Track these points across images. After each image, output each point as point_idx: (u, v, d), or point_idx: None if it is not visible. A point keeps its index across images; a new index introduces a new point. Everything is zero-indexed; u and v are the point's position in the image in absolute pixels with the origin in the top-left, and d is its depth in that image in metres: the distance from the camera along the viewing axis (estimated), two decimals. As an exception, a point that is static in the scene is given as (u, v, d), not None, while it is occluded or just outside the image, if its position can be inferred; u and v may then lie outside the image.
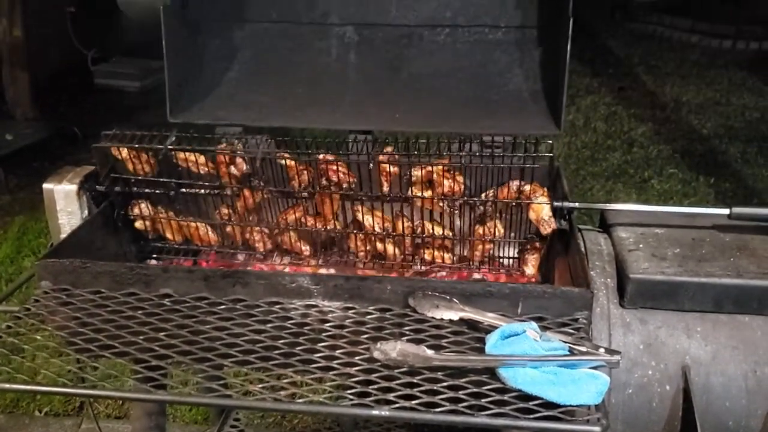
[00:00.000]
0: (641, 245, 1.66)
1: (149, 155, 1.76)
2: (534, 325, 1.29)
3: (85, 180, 1.80)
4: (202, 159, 1.80)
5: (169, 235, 1.83)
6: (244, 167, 1.76)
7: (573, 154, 5.31)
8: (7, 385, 1.32)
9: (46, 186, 1.78)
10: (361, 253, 1.75)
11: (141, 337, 1.37)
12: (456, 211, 1.71)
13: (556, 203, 1.69)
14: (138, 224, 1.70)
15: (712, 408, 1.50)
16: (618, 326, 1.56)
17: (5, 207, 4.74)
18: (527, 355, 1.21)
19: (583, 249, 1.69)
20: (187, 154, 1.77)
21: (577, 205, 1.73)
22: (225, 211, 1.81)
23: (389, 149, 1.85)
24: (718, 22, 7.89)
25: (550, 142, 1.79)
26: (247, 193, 1.76)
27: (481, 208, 1.74)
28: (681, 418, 1.50)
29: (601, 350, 1.24)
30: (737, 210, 1.66)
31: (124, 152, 1.76)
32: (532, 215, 1.68)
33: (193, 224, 1.77)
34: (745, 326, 1.53)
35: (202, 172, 1.80)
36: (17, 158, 5.32)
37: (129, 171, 1.79)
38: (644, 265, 1.58)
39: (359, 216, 1.72)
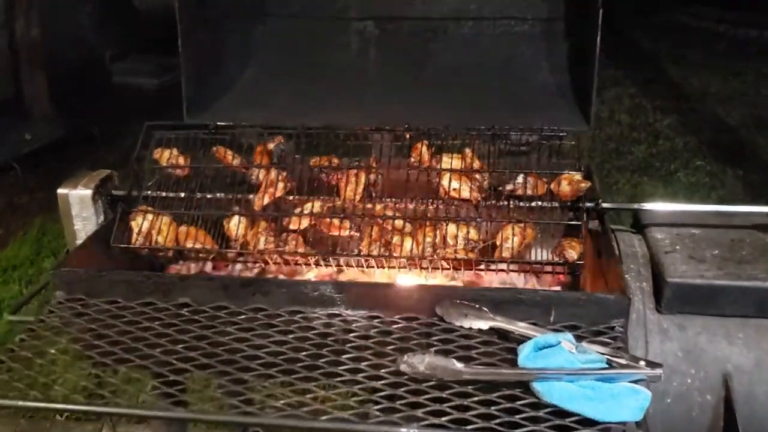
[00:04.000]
0: (678, 247, 1.58)
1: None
2: (569, 335, 1.22)
3: (101, 184, 1.75)
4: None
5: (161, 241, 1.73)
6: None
7: (598, 147, 5.21)
8: (21, 403, 1.29)
9: (60, 191, 1.74)
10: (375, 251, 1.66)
11: (158, 350, 1.32)
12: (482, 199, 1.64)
13: (588, 204, 1.61)
14: (134, 238, 1.63)
15: (756, 418, 1.43)
16: (655, 333, 1.48)
17: (24, 207, 4.74)
18: (563, 368, 1.15)
19: (617, 251, 1.61)
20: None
21: (611, 205, 1.66)
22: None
23: (423, 147, 1.79)
24: (746, 11, 7.71)
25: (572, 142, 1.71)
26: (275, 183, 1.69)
27: (510, 187, 1.66)
28: (723, 429, 1.43)
29: (642, 362, 1.17)
30: (780, 209, 1.58)
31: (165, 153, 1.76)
32: (566, 188, 1.60)
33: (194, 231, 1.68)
34: (791, 332, 1.46)
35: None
36: (35, 158, 5.31)
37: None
38: (682, 268, 1.50)
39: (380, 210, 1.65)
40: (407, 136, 1.80)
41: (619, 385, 1.13)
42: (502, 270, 1.57)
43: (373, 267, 1.58)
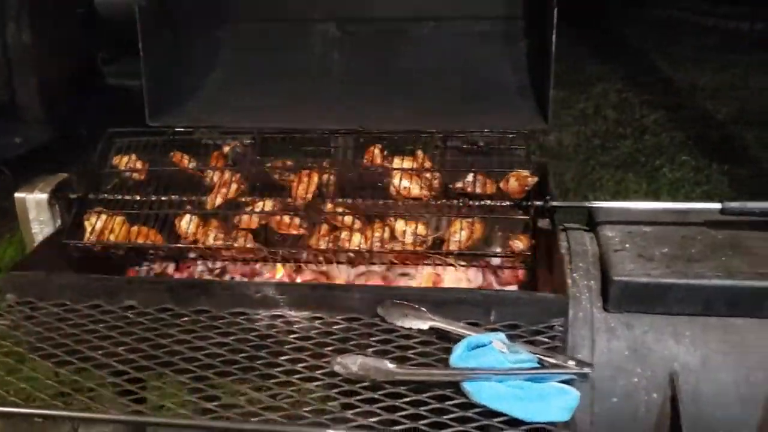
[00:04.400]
0: (627, 245, 1.58)
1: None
2: (501, 335, 1.22)
3: (57, 188, 1.76)
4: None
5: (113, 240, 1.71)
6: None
7: (582, 144, 5.20)
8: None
9: (17, 195, 1.75)
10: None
11: (99, 352, 1.32)
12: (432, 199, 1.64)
13: (537, 202, 1.61)
14: (86, 237, 1.64)
15: (702, 417, 1.42)
16: (602, 331, 1.48)
17: (13, 211, 4.74)
18: (492, 368, 1.15)
19: (565, 249, 1.61)
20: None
21: (560, 203, 1.65)
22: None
23: (376, 149, 1.80)
24: (737, 4, 7.69)
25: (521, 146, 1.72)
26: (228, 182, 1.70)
27: (459, 185, 1.66)
28: (669, 427, 1.43)
29: (571, 362, 1.17)
30: (730, 205, 1.57)
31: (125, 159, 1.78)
32: (514, 184, 1.61)
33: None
34: (738, 330, 1.45)
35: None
36: (25, 161, 5.31)
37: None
38: (629, 266, 1.50)
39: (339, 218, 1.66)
40: (360, 139, 1.80)
41: (548, 385, 1.13)
42: (451, 264, 1.57)
43: (321, 262, 1.58)
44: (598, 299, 1.51)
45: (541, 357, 1.19)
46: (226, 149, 1.84)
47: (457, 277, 1.82)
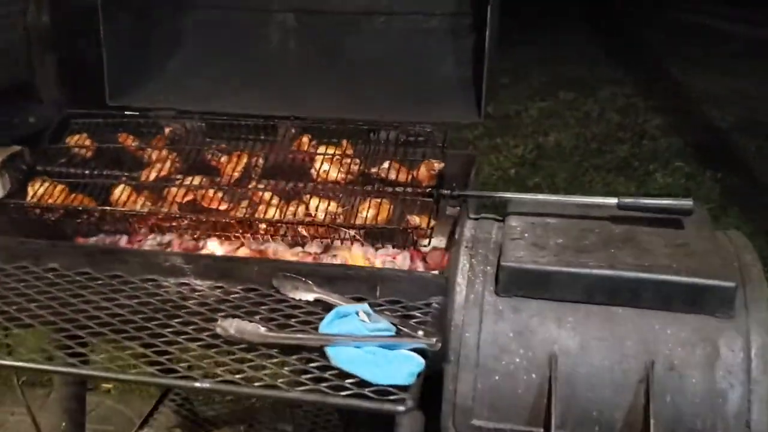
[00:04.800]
0: (526, 234, 1.66)
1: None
2: (366, 306, 1.32)
3: (9, 159, 1.89)
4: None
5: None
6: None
7: (580, 146, 5.25)
8: None
9: (-30, 163, 1.88)
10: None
11: (14, 307, 1.45)
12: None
13: (444, 190, 1.70)
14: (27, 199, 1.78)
15: (576, 397, 1.50)
16: (490, 313, 1.56)
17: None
18: (351, 334, 1.24)
19: (470, 236, 1.70)
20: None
21: (471, 192, 1.74)
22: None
23: (305, 137, 1.91)
24: (756, 9, 7.62)
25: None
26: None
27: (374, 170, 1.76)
28: (546, 406, 1.51)
29: (420, 332, 1.26)
30: (624, 200, 1.65)
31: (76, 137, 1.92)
32: (423, 172, 1.71)
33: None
34: (617, 318, 1.52)
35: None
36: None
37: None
38: (520, 253, 1.58)
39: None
40: (293, 129, 1.91)
41: (398, 352, 1.22)
42: (358, 240, 1.66)
43: (238, 235, 1.69)
44: (492, 284, 1.60)
45: (399, 328, 1.28)
46: (167, 131, 1.96)
47: (383, 261, 1.92)
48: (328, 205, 1.68)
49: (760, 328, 1.48)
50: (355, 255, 1.92)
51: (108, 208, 1.74)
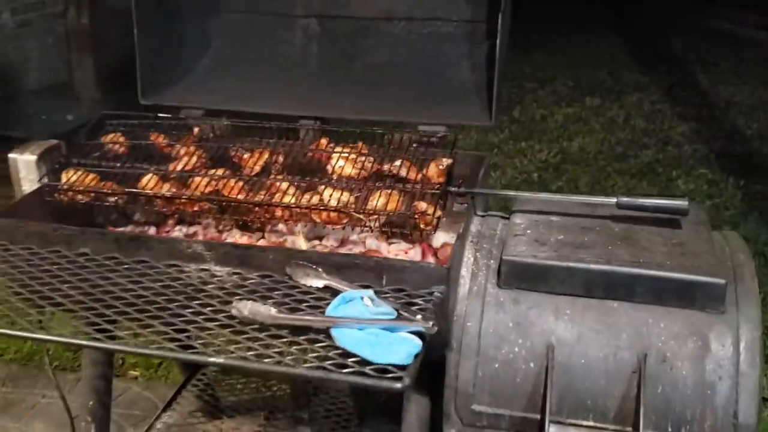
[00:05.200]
0: (529, 231, 1.74)
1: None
2: (370, 292, 1.41)
3: (46, 152, 2.01)
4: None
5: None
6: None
7: (604, 151, 5.28)
8: None
9: (10, 156, 2.01)
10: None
11: (47, 287, 1.57)
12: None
13: (452, 187, 1.79)
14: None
15: (571, 386, 1.58)
16: (492, 305, 1.65)
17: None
18: (355, 317, 1.34)
19: (475, 231, 1.79)
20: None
21: (479, 190, 1.83)
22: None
23: (324, 139, 2.03)
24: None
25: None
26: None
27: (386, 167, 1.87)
28: (542, 394, 1.58)
29: (419, 317, 1.35)
30: (623, 199, 1.72)
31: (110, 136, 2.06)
32: (432, 170, 1.81)
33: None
34: (613, 312, 1.60)
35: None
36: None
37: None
38: (521, 248, 1.67)
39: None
40: (312, 132, 2.03)
41: (398, 334, 1.31)
42: (368, 227, 1.76)
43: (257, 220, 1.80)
44: (494, 277, 1.68)
45: (401, 313, 1.37)
46: (196, 130, 2.08)
47: (396, 255, 2.02)
48: (341, 194, 1.77)
49: (750, 324, 1.54)
50: (369, 249, 2.02)
51: (135, 190, 1.85)
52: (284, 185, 1.82)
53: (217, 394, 2.64)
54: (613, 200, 1.73)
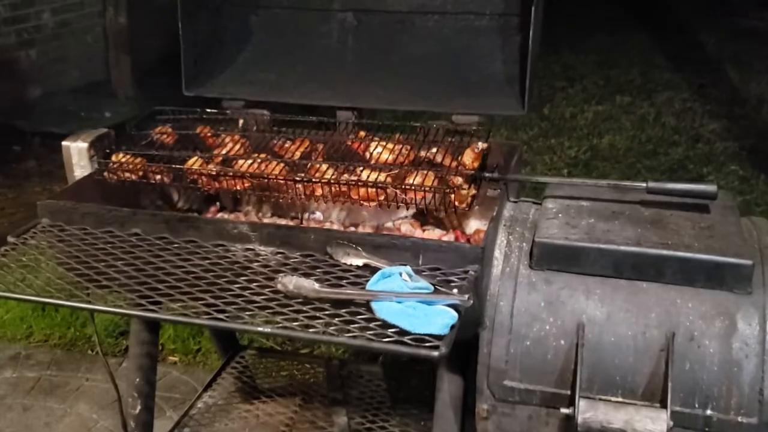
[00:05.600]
0: (561, 215, 1.80)
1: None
2: (408, 269, 1.48)
3: (97, 140, 2.11)
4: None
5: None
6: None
7: (634, 147, 5.30)
8: (7, 294, 1.62)
9: (64, 143, 2.11)
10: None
11: (102, 264, 1.66)
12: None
13: (486, 173, 1.85)
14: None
15: (601, 363, 1.64)
16: (524, 285, 1.71)
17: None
18: (393, 291, 1.41)
19: (508, 216, 1.85)
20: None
21: (512, 177, 1.89)
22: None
23: (362, 132, 2.11)
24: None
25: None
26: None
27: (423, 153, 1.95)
28: (572, 370, 1.64)
29: (454, 291, 1.42)
30: (652, 184, 1.77)
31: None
32: (468, 155, 1.88)
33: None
34: (642, 292, 1.66)
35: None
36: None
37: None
38: (553, 231, 1.73)
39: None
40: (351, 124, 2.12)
41: (435, 307, 1.38)
42: (407, 204, 1.83)
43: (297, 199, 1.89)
44: (526, 258, 1.74)
45: (437, 287, 1.44)
46: (241, 121, 2.18)
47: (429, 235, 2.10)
48: (378, 174, 1.85)
49: (776, 304, 1.59)
50: (406, 228, 2.10)
51: (181, 166, 1.94)
52: (324, 167, 1.90)
53: (254, 378, 2.73)
54: (643, 185, 1.78)
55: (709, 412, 1.58)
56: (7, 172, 5.38)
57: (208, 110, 2.31)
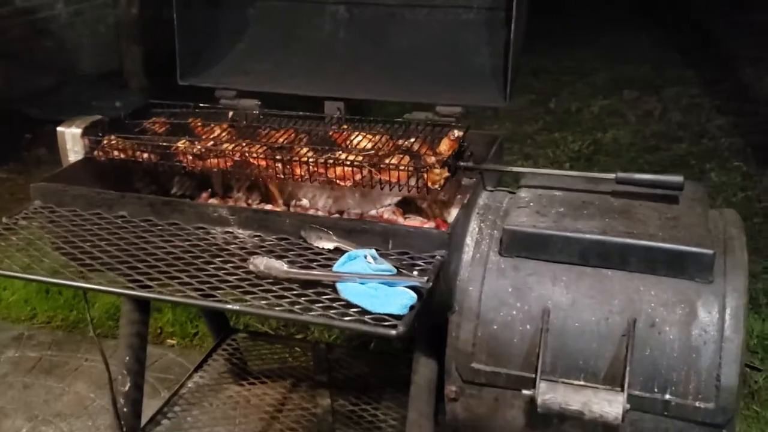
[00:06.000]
0: (532, 203, 1.85)
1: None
2: (372, 251, 1.54)
3: (90, 126, 2.19)
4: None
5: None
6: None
7: (637, 143, 5.32)
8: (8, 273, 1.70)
9: (59, 129, 2.19)
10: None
11: (87, 244, 1.73)
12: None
13: (463, 162, 1.90)
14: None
15: (565, 347, 1.68)
16: (493, 271, 1.76)
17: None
18: (357, 273, 1.47)
19: (482, 204, 1.90)
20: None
21: (488, 166, 1.94)
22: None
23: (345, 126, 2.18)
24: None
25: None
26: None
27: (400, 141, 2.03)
28: (537, 354, 1.69)
29: (415, 272, 1.47)
30: (621, 175, 1.82)
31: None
32: (444, 144, 1.95)
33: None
34: (607, 279, 1.70)
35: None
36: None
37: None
38: (522, 219, 1.78)
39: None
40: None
41: (396, 288, 1.44)
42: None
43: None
44: (497, 245, 1.79)
45: (400, 270, 1.50)
46: (230, 114, 2.25)
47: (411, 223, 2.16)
48: (356, 156, 1.91)
49: (736, 293, 1.63)
50: (388, 216, 2.16)
51: (168, 144, 2.04)
52: (304, 150, 1.96)
53: (244, 360, 2.80)
54: (613, 175, 1.83)
55: (668, 396, 1.63)
56: (19, 158, 5.51)
57: (201, 105, 2.37)
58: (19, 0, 6.43)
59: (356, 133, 2.08)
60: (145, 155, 2.05)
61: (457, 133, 1.93)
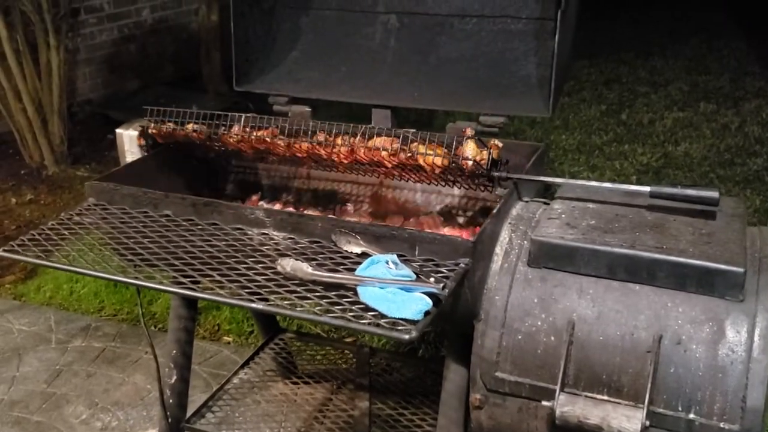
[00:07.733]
0: (564, 215, 1.85)
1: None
2: (394, 257, 1.58)
3: (147, 128, 2.31)
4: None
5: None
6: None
7: (710, 157, 5.16)
8: (51, 263, 1.82)
9: (117, 131, 2.32)
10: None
11: (132, 241, 1.84)
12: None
13: (496, 173, 1.92)
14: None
15: (589, 361, 1.68)
16: (520, 281, 1.77)
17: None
18: (377, 277, 1.51)
19: (515, 214, 1.91)
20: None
21: (518, 176, 1.94)
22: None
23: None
24: None
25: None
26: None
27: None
28: (561, 366, 1.69)
29: (432, 279, 1.50)
30: (655, 188, 1.79)
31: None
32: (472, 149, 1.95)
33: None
34: (634, 294, 1.68)
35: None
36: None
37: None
38: (551, 230, 1.78)
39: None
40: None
41: (413, 294, 1.47)
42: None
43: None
44: (525, 256, 1.80)
45: (419, 276, 1.53)
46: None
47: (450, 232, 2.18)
48: (391, 146, 1.96)
49: (767, 313, 1.59)
50: (423, 219, 2.19)
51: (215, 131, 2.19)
52: (339, 140, 2.03)
53: (291, 360, 2.87)
54: (647, 189, 1.81)
55: (691, 415, 1.60)
56: (100, 159, 5.79)
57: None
58: (109, 6, 6.75)
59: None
60: (194, 133, 2.15)
61: (492, 141, 1.94)
